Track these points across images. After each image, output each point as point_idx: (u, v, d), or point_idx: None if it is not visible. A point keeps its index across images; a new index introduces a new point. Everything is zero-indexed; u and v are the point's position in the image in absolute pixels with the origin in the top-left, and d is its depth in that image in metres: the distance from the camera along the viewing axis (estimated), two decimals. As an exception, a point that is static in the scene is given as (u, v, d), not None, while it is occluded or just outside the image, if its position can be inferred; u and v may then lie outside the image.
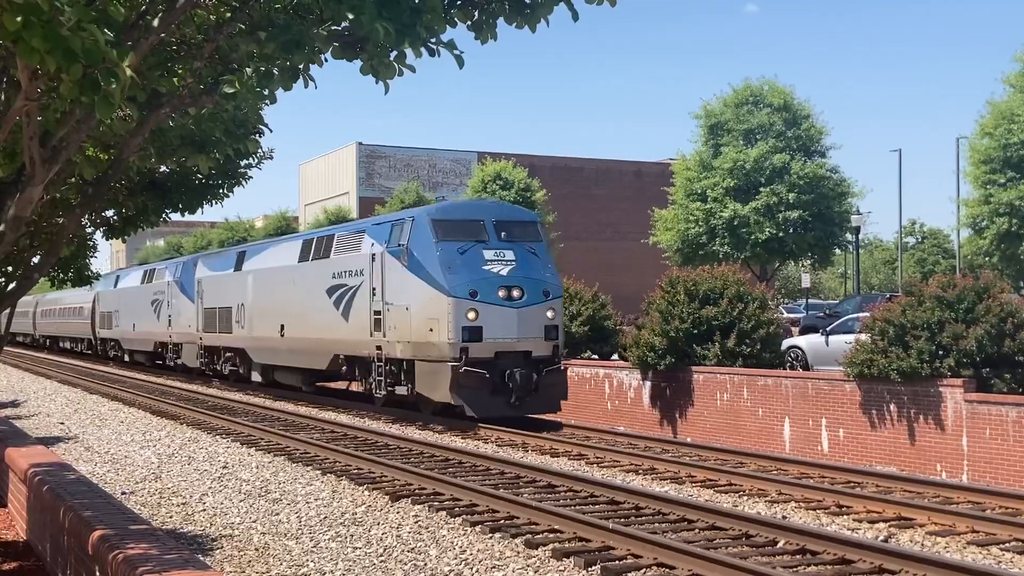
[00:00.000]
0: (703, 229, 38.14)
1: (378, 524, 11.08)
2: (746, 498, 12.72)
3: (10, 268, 11.47)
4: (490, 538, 10.33)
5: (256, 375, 28.85)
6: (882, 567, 9.00)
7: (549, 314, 19.97)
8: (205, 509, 12.27)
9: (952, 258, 59.58)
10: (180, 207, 13.46)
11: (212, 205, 13.62)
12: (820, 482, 13.54)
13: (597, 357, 25.57)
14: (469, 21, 6.09)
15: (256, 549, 10.17)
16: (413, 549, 9.95)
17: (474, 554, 9.68)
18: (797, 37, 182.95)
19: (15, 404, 26.33)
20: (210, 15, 6.42)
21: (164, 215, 13.74)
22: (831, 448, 18.15)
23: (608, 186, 66.40)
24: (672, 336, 21.37)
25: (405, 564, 9.43)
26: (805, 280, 54.61)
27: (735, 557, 9.09)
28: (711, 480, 13.88)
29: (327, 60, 6.11)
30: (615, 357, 25.59)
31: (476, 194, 41.27)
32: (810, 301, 52.56)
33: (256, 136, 10.17)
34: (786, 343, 24.24)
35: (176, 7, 5.89)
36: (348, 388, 27.41)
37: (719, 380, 20.63)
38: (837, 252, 44.96)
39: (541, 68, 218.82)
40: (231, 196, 15.23)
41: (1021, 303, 17.48)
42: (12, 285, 9.23)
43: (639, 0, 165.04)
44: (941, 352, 16.45)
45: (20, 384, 33.72)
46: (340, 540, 10.42)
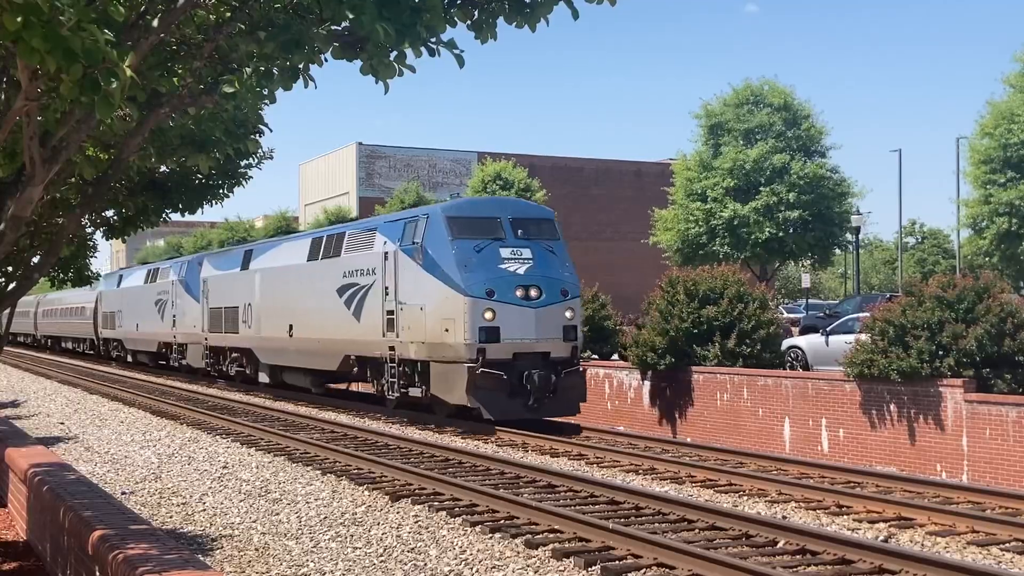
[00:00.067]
0: (703, 229, 38.16)
1: (378, 524, 11.08)
2: (746, 498, 12.71)
3: (10, 268, 11.50)
4: (490, 538, 10.33)
5: (263, 376, 28.37)
6: (882, 567, 8.99)
7: (568, 314, 19.55)
8: (205, 509, 12.27)
9: (952, 258, 59.59)
10: (180, 207, 13.47)
11: (212, 205, 13.63)
12: (820, 482, 13.54)
13: (597, 357, 25.57)
14: (469, 21, 6.09)
15: (256, 549, 10.17)
16: (413, 549, 9.95)
17: (474, 554, 9.68)
18: (797, 37, 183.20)
19: (15, 404, 26.33)
20: (210, 15, 6.42)
21: (164, 215, 13.74)
22: (831, 448, 18.15)
23: (608, 186, 66.35)
24: (672, 336, 21.38)
25: (405, 564, 9.43)
26: (805, 280, 54.61)
27: (735, 557, 9.09)
28: (711, 480, 13.87)
29: (327, 60, 6.11)
30: (615, 357, 25.59)
31: (476, 194, 41.18)
32: (810, 301, 52.56)
33: (256, 136, 10.15)
34: (786, 343, 24.26)
35: (176, 7, 5.89)
36: (348, 388, 27.38)
37: (719, 380, 20.63)
38: (837, 252, 44.97)
39: (541, 67, 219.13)
40: (231, 196, 15.22)
41: (1021, 303, 17.49)
42: (12, 285, 9.25)
43: (639, 0, 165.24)
44: (941, 352, 16.46)
45: (20, 384, 33.71)
46: (340, 540, 10.42)
